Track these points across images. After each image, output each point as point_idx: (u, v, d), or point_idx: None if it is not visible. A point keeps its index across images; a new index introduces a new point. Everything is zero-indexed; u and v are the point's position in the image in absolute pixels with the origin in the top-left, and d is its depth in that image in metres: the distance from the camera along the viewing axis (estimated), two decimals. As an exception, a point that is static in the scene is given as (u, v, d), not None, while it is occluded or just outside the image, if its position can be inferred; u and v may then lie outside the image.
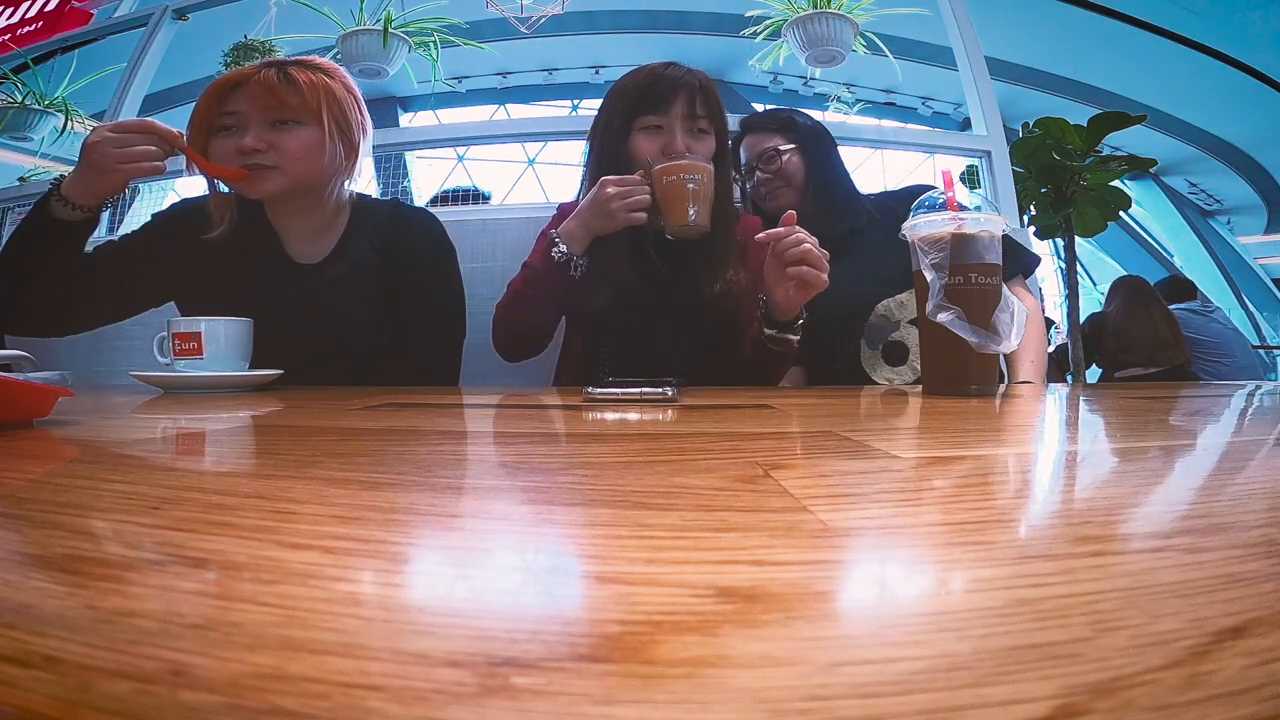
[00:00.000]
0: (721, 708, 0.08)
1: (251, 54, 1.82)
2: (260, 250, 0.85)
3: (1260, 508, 0.18)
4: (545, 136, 1.84)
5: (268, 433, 0.38)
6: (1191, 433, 0.38)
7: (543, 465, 0.26)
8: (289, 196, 0.81)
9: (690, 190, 0.81)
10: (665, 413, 0.44)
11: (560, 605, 0.12)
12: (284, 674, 0.09)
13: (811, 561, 0.14)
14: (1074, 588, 0.12)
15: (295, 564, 0.13)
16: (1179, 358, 2.21)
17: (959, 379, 0.59)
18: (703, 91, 0.87)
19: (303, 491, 0.20)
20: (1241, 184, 5.91)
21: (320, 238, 0.87)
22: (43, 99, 2.00)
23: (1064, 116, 1.74)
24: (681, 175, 0.81)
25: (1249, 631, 0.10)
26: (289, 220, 0.86)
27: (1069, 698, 0.08)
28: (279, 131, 0.77)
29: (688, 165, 0.81)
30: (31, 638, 0.09)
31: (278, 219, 0.86)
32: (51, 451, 0.29)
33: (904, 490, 0.21)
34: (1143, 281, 2.44)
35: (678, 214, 0.81)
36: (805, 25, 1.58)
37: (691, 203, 0.81)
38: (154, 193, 1.81)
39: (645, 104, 0.87)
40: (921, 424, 0.40)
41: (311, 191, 0.83)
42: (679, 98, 0.86)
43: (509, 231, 1.36)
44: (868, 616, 0.11)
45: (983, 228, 0.58)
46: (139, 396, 0.63)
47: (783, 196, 1.06)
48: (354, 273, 0.85)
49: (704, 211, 0.82)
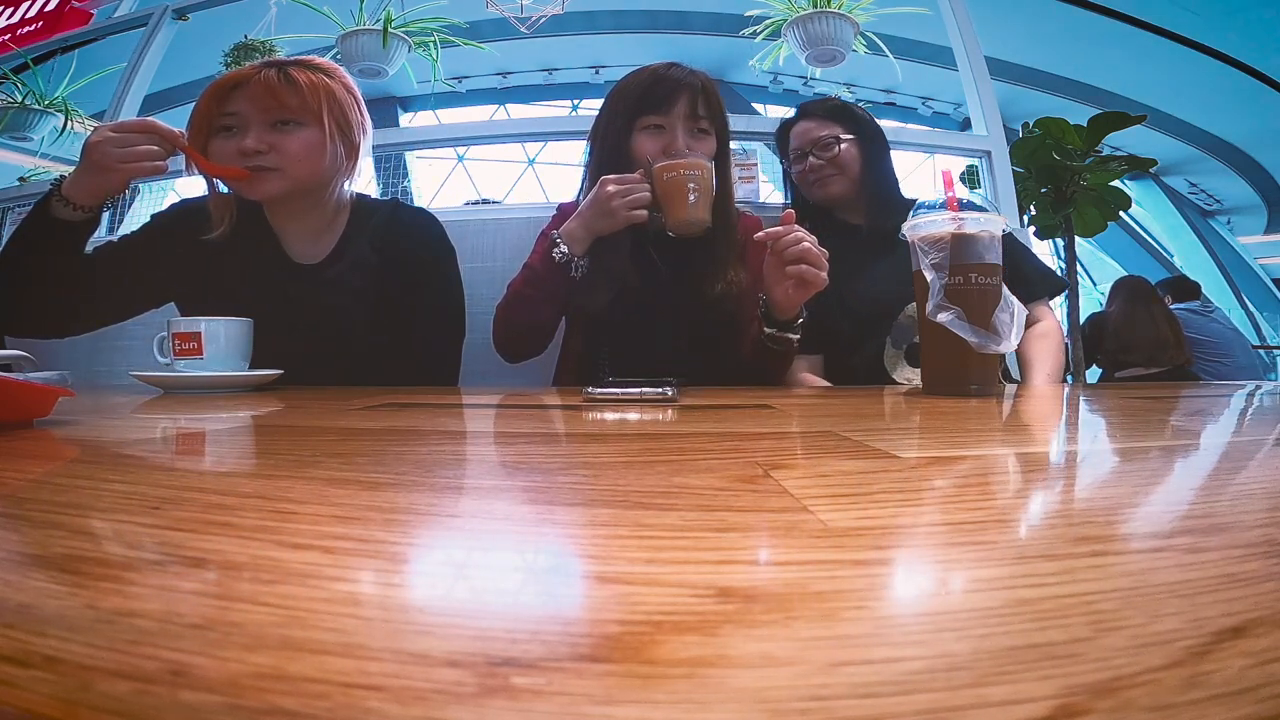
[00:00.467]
0: (721, 708, 0.08)
1: (251, 54, 1.82)
2: (260, 250, 0.85)
3: (1260, 508, 0.18)
4: (545, 136, 1.84)
5: (268, 433, 0.38)
6: (1191, 433, 0.38)
7: (543, 465, 0.26)
8: (289, 197, 0.80)
9: (690, 186, 0.81)
10: (665, 413, 0.44)
11: (560, 605, 0.12)
12: (284, 674, 0.09)
13: (811, 561, 0.14)
14: (1074, 588, 0.12)
15: (295, 564, 0.13)
16: (1179, 358, 2.21)
17: (959, 379, 0.59)
18: (704, 92, 0.87)
19: (303, 491, 0.20)
20: (1241, 184, 5.91)
21: (320, 238, 0.87)
22: (43, 99, 2.00)
23: (1064, 116, 1.74)
24: (682, 171, 0.82)
25: (1249, 631, 0.10)
26: (289, 221, 0.86)
27: (1069, 698, 0.08)
28: (280, 132, 0.77)
29: (687, 162, 0.82)
30: (31, 638, 0.09)
31: (277, 219, 0.86)
32: (51, 451, 0.29)
33: (904, 490, 0.21)
34: (1144, 282, 2.45)
35: (679, 210, 0.82)
36: (805, 25, 1.58)
37: (692, 198, 0.81)
38: (154, 193, 1.81)
39: (647, 104, 0.87)
40: (921, 424, 0.40)
41: (312, 192, 0.83)
42: (681, 98, 0.86)
43: (509, 231, 1.37)
44: (868, 616, 0.11)
45: (983, 228, 0.58)
46: (139, 396, 0.63)
47: (834, 185, 1.04)
48: (354, 272, 0.85)
49: (704, 206, 0.82)
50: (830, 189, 1.04)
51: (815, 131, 1.06)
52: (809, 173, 1.05)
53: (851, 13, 1.57)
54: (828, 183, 1.04)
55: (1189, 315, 2.44)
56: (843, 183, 1.03)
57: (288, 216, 0.85)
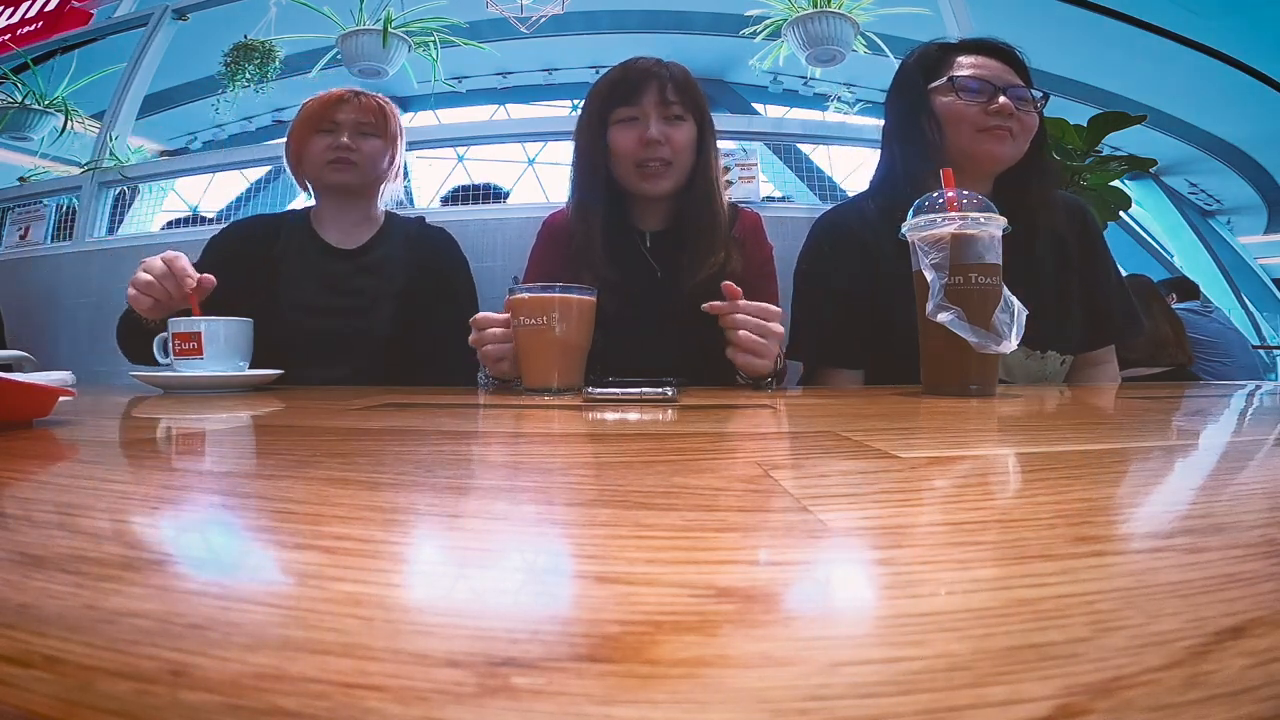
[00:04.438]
0: (721, 708, 0.08)
1: (251, 54, 1.82)
2: (305, 242, 1.05)
3: (1260, 508, 0.18)
4: (545, 136, 1.84)
5: (268, 433, 0.38)
6: (1191, 433, 0.38)
7: (543, 465, 0.26)
8: (353, 188, 1.03)
9: (536, 341, 0.64)
10: (665, 413, 0.44)
11: (560, 605, 0.12)
12: (284, 674, 0.09)
13: (811, 561, 0.14)
14: (1074, 588, 0.12)
15: (295, 564, 0.13)
16: (1181, 356, 2.21)
17: (959, 379, 0.59)
18: (674, 80, 0.85)
19: (303, 491, 0.20)
20: (1241, 184, 5.91)
21: (359, 231, 1.06)
22: (43, 99, 2.01)
23: (1064, 116, 1.74)
24: (524, 320, 0.64)
25: (1249, 631, 0.10)
26: (338, 214, 1.05)
27: (1069, 698, 0.08)
28: (362, 137, 1.01)
29: (537, 300, 0.64)
30: (31, 638, 0.09)
31: (326, 213, 1.05)
32: (51, 451, 0.29)
33: (904, 490, 0.21)
34: (1145, 279, 2.44)
35: (529, 371, 0.65)
36: (805, 25, 1.58)
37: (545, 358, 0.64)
38: (154, 193, 1.81)
39: (617, 96, 0.85)
40: (921, 424, 0.40)
41: (369, 186, 1.05)
42: (650, 86, 0.84)
43: (509, 231, 1.37)
44: (868, 616, 0.11)
45: (983, 228, 0.58)
46: (139, 396, 0.63)
47: (1012, 147, 0.83)
48: (385, 262, 1.03)
49: (569, 360, 0.65)
50: (1004, 146, 0.82)
51: (1012, 77, 0.84)
52: (994, 114, 0.81)
53: (851, 13, 1.57)
54: (1005, 138, 0.82)
55: (1189, 315, 2.44)
56: (1017, 150, 0.83)
57: (339, 210, 1.05)
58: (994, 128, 0.81)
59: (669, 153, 0.84)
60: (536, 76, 5.84)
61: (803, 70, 1.74)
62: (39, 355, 0.67)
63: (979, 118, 0.81)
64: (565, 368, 0.65)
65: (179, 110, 4.79)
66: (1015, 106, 0.81)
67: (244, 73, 1.83)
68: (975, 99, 0.82)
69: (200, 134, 5.64)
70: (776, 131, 1.60)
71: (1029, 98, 0.82)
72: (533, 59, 5.57)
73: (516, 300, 0.65)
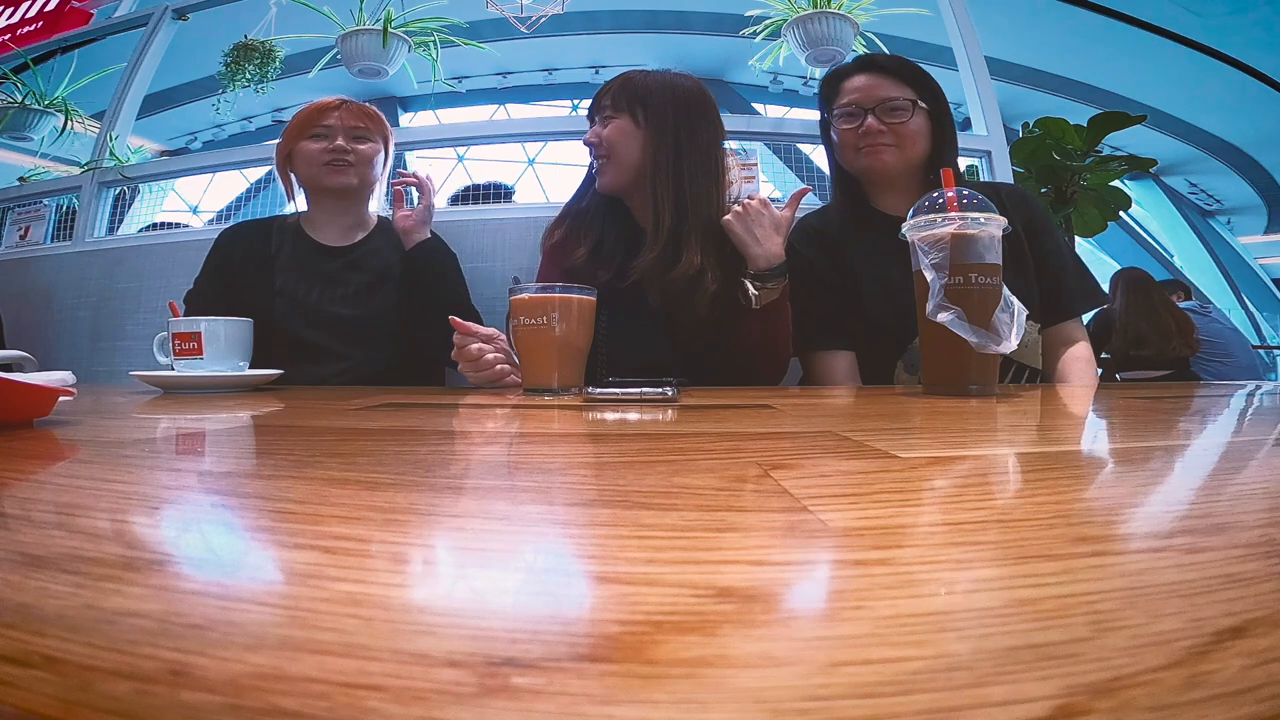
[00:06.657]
0: (721, 708, 0.08)
1: (251, 54, 1.82)
2: (295, 243, 1.08)
3: (1260, 508, 0.18)
4: (545, 136, 1.83)
5: (267, 433, 0.38)
6: (1192, 433, 0.38)
7: (543, 465, 0.26)
8: (349, 190, 1.06)
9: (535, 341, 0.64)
10: (665, 413, 0.44)
11: (560, 605, 0.12)
12: (284, 674, 0.09)
13: (811, 561, 0.14)
14: (1074, 588, 0.12)
15: (295, 564, 0.13)
16: (1185, 349, 2.19)
17: (959, 379, 0.59)
18: (619, 85, 0.89)
19: (303, 491, 0.20)
20: (1241, 184, 5.91)
21: (352, 233, 1.10)
22: (43, 99, 2.00)
23: (1064, 116, 1.74)
24: (523, 320, 0.64)
25: (1249, 631, 0.10)
26: (332, 217, 1.09)
27: (1069, 698, 0.08)
28: (356, 141, 1.06)
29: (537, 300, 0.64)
30: (31, 638, 0.09)
31: (320, 216, 1.09)
32: (51, 451, 0.29)
33: (904, 490, 0.21)
34: (1140, 271, 2.43)
35: (530, 371, 0.66)
36: (805, 25, 1.58)
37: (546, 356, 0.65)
38: (154, 193, 1.81)
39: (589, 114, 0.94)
40: (921, 424, 0.40)
41: (366, 186, 1.09)
42: (596, 103, 0.92)
43: (509, 231, 1.36)
44: (867, 616, 0.11)
45: (983, 228, 0.58)
46: (139, 396, 0.63)
47: (888, 156, 0.90)
48: (377, 258, 1.08)
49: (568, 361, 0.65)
50: (883, 158, 0.90)
51: (883, 89, 0.90)
52: (862, 135, 0.90)
53: (851, 13, 1.57)
54: (881, 152, 0.90)
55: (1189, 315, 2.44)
56: (897, 157, 0.90)
57: (333, 213, 1.09)
58: (866, 147, 0.91)
59: (604, 149, 0.89)
60: (536, 76, 5.84)
61: (803, 70, 1.73)
62: (39, 355, 0.67)
63: (855, 139, 0.92)
64: (565, 368, 0.65)
65: (179, 110, 4.79)
66: (883, 122, 0.90)
67: (244, 73, 1.83)
68: (849, 123, 0.92)
69: (200, 134, 5.65)
70: (776, 131, 1.60)
71: (901, 106, 0.90)
72: (533, 59, 5.57)
73: (517, 300, 0.65)
